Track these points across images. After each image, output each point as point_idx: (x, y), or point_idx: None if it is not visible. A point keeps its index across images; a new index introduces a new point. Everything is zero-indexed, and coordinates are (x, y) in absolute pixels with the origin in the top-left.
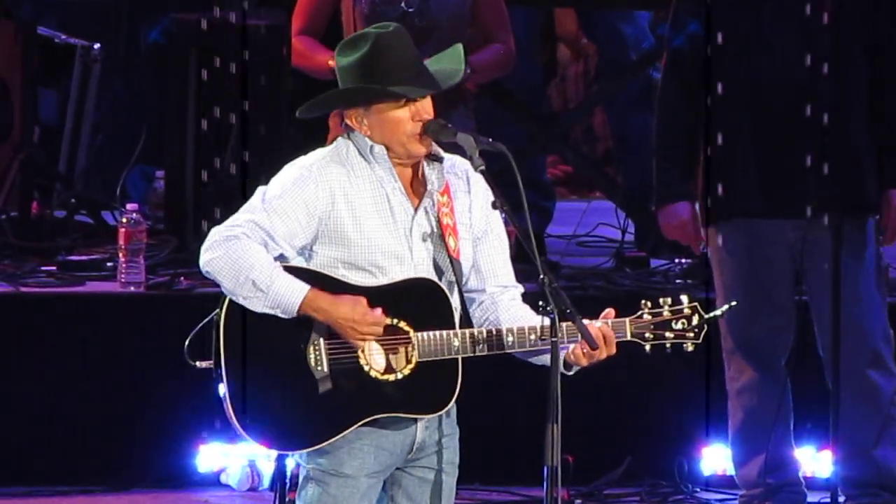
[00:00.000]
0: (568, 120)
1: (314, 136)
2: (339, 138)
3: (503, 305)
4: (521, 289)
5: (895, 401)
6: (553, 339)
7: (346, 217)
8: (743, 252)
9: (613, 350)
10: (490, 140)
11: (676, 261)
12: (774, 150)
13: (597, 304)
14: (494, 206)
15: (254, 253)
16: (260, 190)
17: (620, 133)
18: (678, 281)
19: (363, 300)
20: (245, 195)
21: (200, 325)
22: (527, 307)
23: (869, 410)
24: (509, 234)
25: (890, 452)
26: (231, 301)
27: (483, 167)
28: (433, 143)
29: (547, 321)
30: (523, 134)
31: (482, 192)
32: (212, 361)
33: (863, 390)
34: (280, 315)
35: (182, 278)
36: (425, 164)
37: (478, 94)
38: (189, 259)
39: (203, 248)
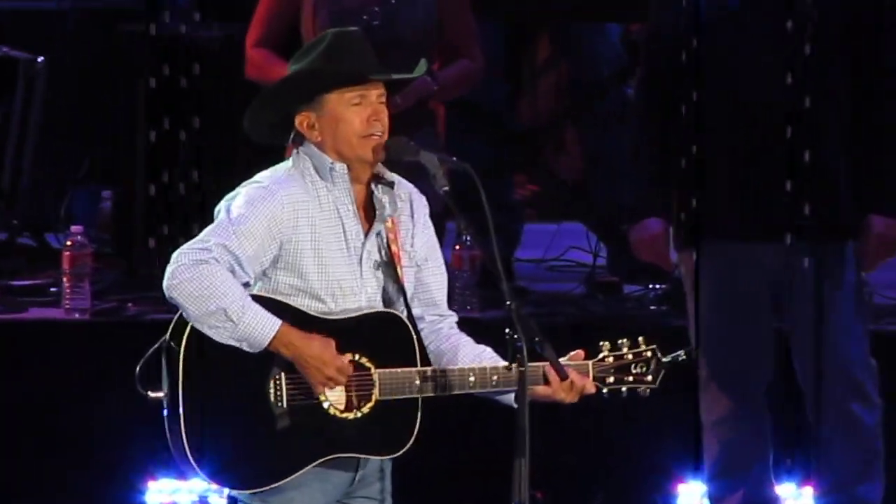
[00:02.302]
0: (538, 137)
1: (270, 151)
2: (295, 152)
3: (444, 334)
4: (455, 317)
5: (879, 434)
6: (521, 370)
7: (307, 241)
8: (718, 277)
9: (576, 398)
10: (454, 159)
11: (650, 286)
12: (752, 171)
13: (567, 331)
14: (461, 229)
15: (225, 280)
16: (223, 209)
17: (594, 151)
18: (652, 307)
19: (332, 343)
20: (205, 216)
21: (149, 352)
22: (467, 337)
23: (851, 444)
24: (475, 257)
25: (873, 488)
26: (192, 329)
27: (447, 187)
28: (382, 167)
29: (503, 363)
30: (491, 153)
31: (424, 216)
32: (164, 392)
33: (845, 423)
34: (245, 348)
35: (130, 304)
36: (374, 187)
37: (444, 114)
38: (138, 284)
39: (169, 271)
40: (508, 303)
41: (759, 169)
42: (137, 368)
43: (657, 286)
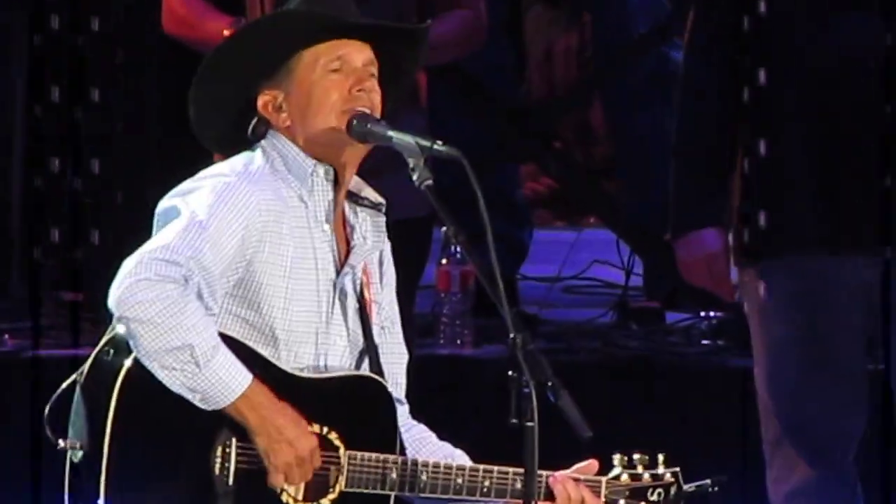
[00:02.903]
0: (553, 114)
1: (193, 139)
2: (262, 143)
3: (403, 423)
4: (407, 407)
5: None
6: (528, 424)
7: (278, 264)
8: (795, 302)
9: None
10: (440, 143)
11: (701, 314)
12: (840, 162)
13: (591, 374)
14: (448, 237)
15: (197, 310)
16: (182, 208)
17: (625, 134)
18: (704, 342)
19: (303, 421)
20: (111, 220)
21: (60, 389)
22: (429, 431)
23: None
24: (468, 275)
25: None
26: (134, 366)
27: (430, 181)
28: (359, 180)
29: (499, 469)
30: (489, 136)
31: (391, 268)
32: (78, 442)
33: None
34: (196, 402)
35: (7, 336)
36: (347, 204)
37: (427, 84)
38: (14, 309)
39: (125, 284)
40: (512, 336)
41: (849, 162)
42: (47, 407)
43: (710, 314)
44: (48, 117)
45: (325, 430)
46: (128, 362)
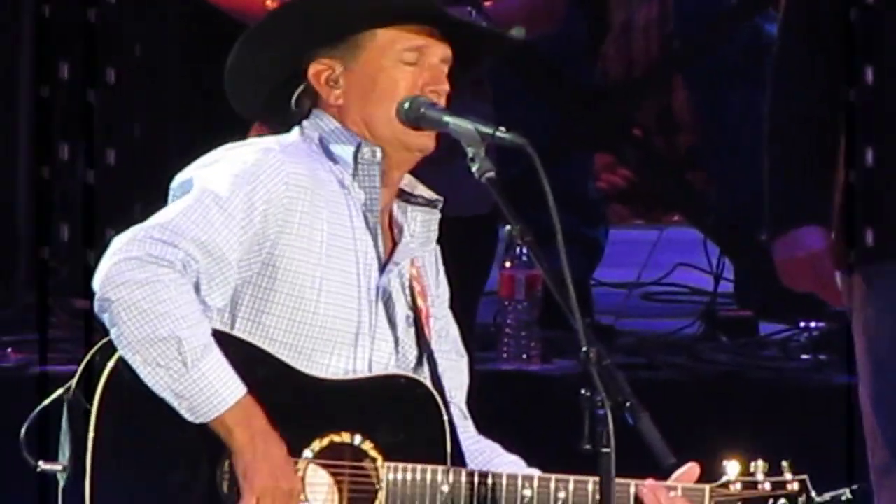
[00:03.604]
0: (631, 98)
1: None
2: (304, 123)
3: (468, 434)
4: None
5: None
6: (604, 451)
7: (302, 248)
8: None
9: None
10: (503, 130)
11: (801, 325)
12: None
13: (675, 392)
14: (512, 237)
15: (190, 301)
16: (194, 181)
17: (712, 119)
18: (804, 357)
19: (293, 462)
20: (127, 216)
21: (41, 405)
22: (497, 444)
23: None
24: (534, 279)
25: None
26: (116, 368)
27: (492, 174)
28: (412, 178)
29: (576, 478)
30: (559, 122)
31: (445, 281)
32: (63, 464)
33: None
34: (182, 411)
35: (10, 350)
36: (396, 200)
37: (495, 69)
38: (19, 320)
39: (109, 263)
40: (585, 349)
41: None
42: (24, 428)
43: (811, 325)
44: (56, 99)
45: (359, 439)
46: (111, 363)
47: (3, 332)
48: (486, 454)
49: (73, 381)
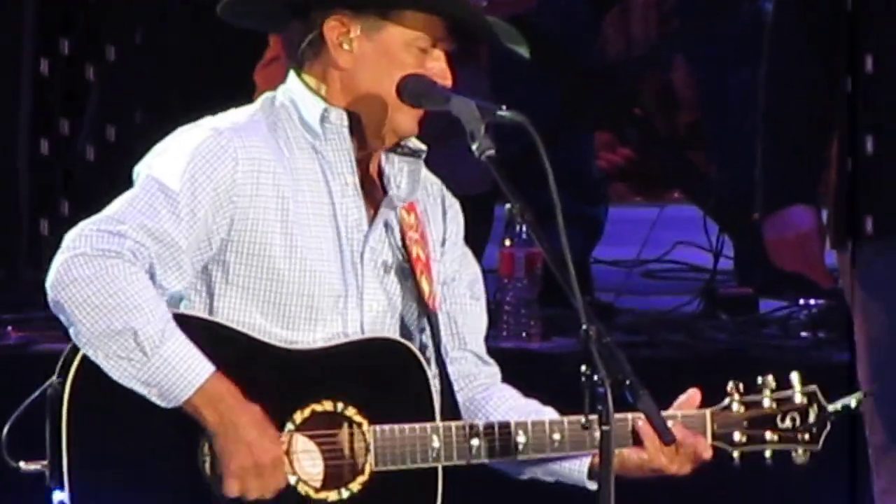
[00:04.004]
0: (631, 76)
1: (225, 98)
2: (279, 89)
3: (479, 382)
4: (498, 371)
5: None
6: (604, 428)
7: (273, 221)
8: None
9: (687, 467)
10: (503, 108)
11: (800, 302)
12: None
13: (674, 370)
14: (513, 215)
15: (144, 288)
16: (144, 169)
17: (713, 98)
18: (803, 334)
19: (272, 428)
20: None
21: (24, 404)
22: (515, 390)
23: None
24: (534, 257)
25: None
26: (83, 364)
27: (492, 152)
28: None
29: (570, 418)
30: (558, 100)
31: (458, 223)
32: (45, 462)
33: None
34: (153, 398)
35: (10, 328)
36: (383, 155)
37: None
38: (22, 300)
39: (58, 261)
40: (585, 327)
41: None
42: (5, 429)
43: (810, 302)
44: (56, 74)
45: (341, 406)
46: (79, 355)
47: (6, 310)
48: (492, 402)
49: (56, 372)
